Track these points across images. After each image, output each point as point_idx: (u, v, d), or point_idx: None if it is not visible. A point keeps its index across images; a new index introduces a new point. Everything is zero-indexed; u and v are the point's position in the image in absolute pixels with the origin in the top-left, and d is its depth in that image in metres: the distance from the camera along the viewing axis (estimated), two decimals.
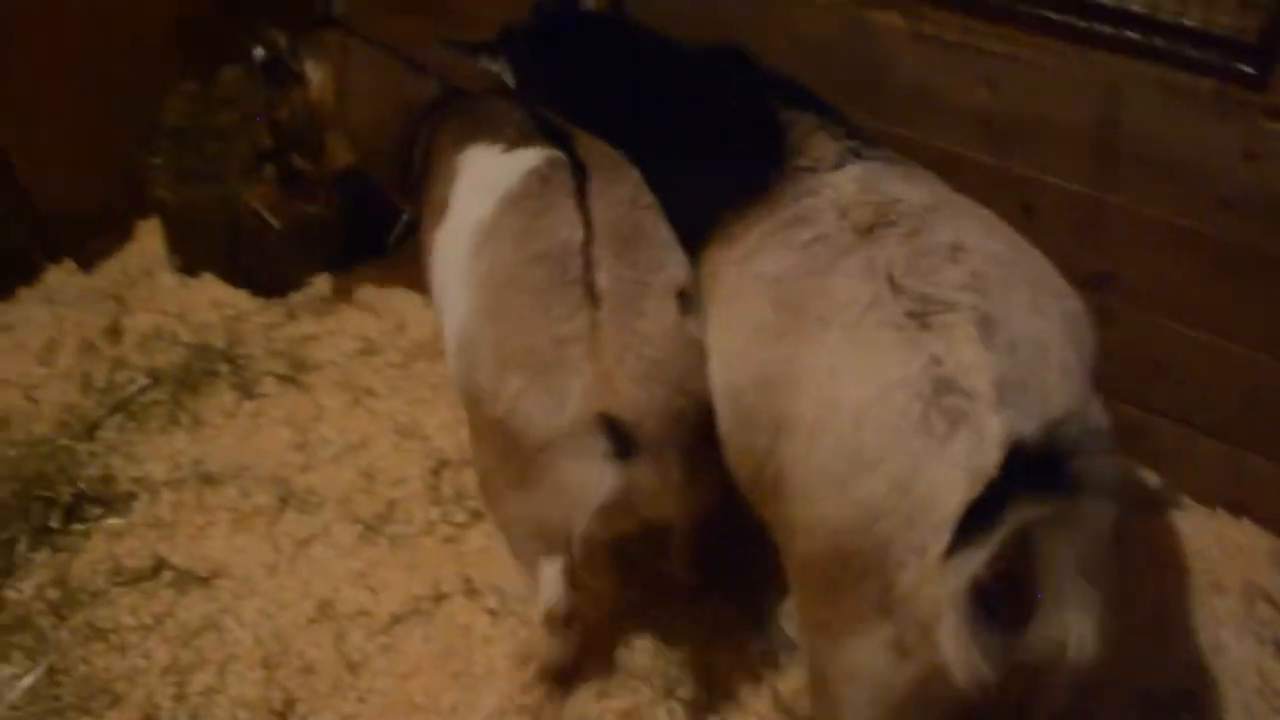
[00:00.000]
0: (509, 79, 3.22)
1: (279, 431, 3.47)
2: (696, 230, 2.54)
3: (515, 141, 2.84)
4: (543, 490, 2.40)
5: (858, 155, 2.43)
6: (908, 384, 1.95)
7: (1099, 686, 2.62)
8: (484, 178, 2.78)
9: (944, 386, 1.92)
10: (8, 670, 2.97)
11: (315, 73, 3.34)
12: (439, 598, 3.04)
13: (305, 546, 3.18)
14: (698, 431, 2.39)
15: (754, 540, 2.48)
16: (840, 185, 2.36)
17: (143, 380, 3.64)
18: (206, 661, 2.95)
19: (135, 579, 3.12)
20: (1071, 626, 1.85)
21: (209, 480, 3.34)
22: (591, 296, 2.40)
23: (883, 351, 2.02)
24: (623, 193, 2.67)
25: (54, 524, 3.23)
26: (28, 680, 2.94)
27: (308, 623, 3.01)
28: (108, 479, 3.37)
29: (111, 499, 3.31)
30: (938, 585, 1.82)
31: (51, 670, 2.95)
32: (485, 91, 3.20)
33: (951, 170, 2.55)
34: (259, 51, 3.37)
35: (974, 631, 1.80)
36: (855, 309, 2.09)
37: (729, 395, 2.31)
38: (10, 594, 3.11)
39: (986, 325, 1.97)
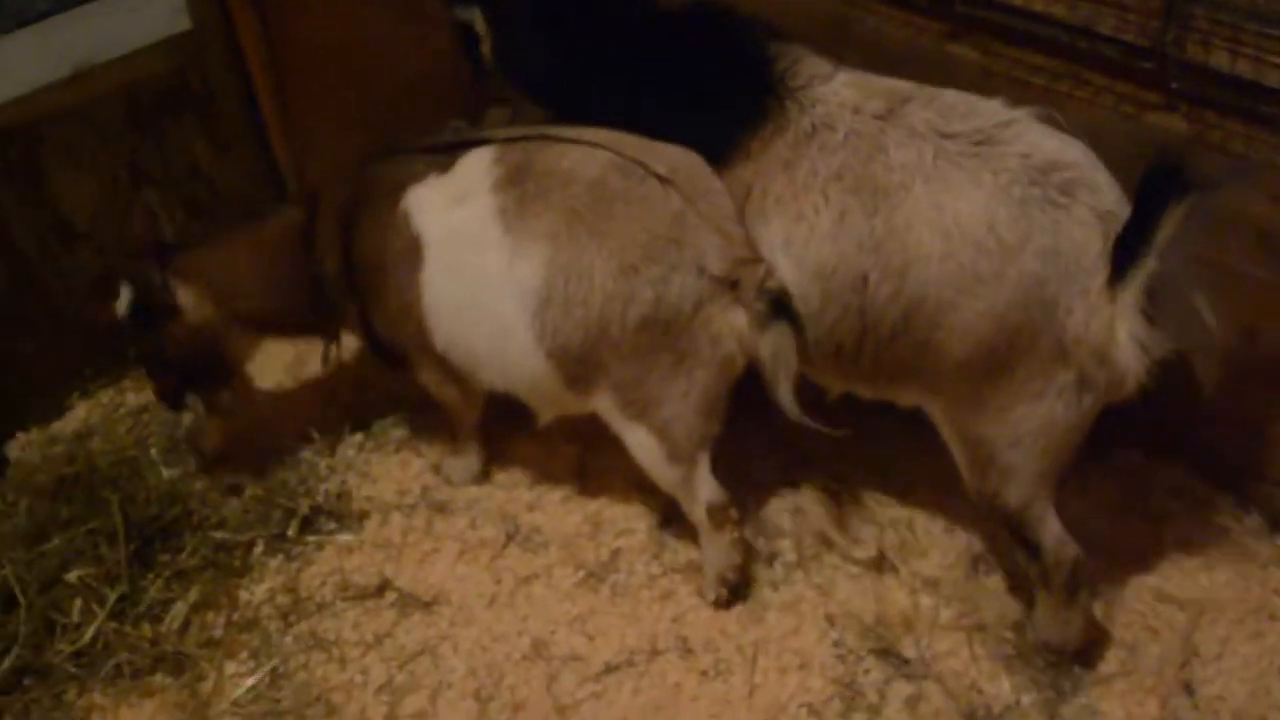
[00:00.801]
0: (480, 29, 3.26)
1: (513, 468, 3.49)
2: (712, 153, 2.83)
3: (438, 167, 3.01)
4: (703, 351, 2.78)
5: (837, 68, 2.84)
6: (1015, 180, 2.46)
7: None
8: (447, 195, 2.96)
9: (1046, 169, 2.47)
10: (233, 667, 3.06)
11: (188, 297, 3.19)
12: (653, 653, 3.00)
13: (526, 584, 3.18)
14: None
15: None
16: (839, 91, 2.77)
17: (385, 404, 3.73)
18: (420, 685, 2.98)
19: (360, 595, 3.18)
20: (1204, 308, 2.37)
21: (439, 508, 3.38)
22: (666, 184, 2.77)
23: (975, 174, 2.51)
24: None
25: (290, 533, 3.33)
26: (251, 680, 3.02)
27: (521, 659, 3.01)
28: (344, 495, 3.45)
29: (345, 515, 3.39)
30: (1106, 310, 2.39)
31: (274, 673, 3.03)
32: (353, 174, 3.20)
33: None
34: (121, 303, 3.20)
35: (1144, 333, 2.35)
36: (924, 162, 2.56)
37: (818, 276, 2.67)
38: (243, 594, 3.21)
39: (1049, 121, 2.57)
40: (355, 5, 3.89)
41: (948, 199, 2.52)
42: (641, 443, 2.92)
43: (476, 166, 2.95)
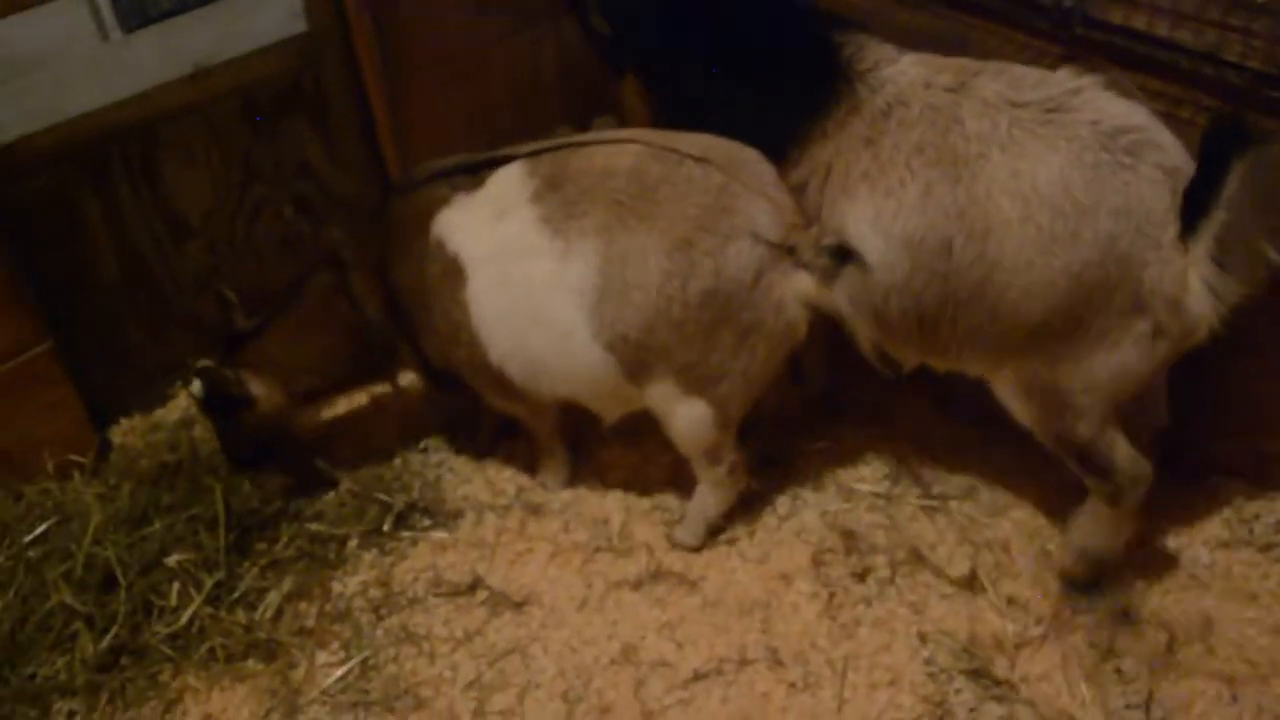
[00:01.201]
0: None
1: (609, 474, 3.52)
2: (786, 137, 2.94)
3: (466, 190, 3.06)
4: (766, 322, 2.85)
5: (902, 51, 2.94)
6: (1087, 146, 2.58)
7: None
8: (484, 214, 3.01)
9: (1113, 133, 2.58)
10: (324, 657, 3.10)
11: (260, 388, 3.31)
12: (743, 662, 3.00)
13: (616, 589, 3.19)
14: None
15: None
16: (907, 70, 2.88)
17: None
18: (509, 684, 3.00)
19: (452, 592, 3.21)
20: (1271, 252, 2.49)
21: (534, 510, 3.41)
22: (702, 163, 2.84)
23: (1048, 139, 2.62)
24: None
25: (385, 528, 3.37)
26: (341, 670, 3.05)
27: (610, 664, 3.02)
28: (438, 493, 3.49)
29: (440, 513, 3.43)
30: (1179, 261, 2.52)
31: (364, 664, 3.06)
32: (373, 217, 3.29)
33: None
34: (195, 390, 3.30)
35: (1217, 280, 2.49)
36: (1000, 131, 2.67)
37: (905, 245, 2.75)
38: (336, 586, 3.25)
39: (1113, 86, 2.66)
40: (468, 11, 3.95)
41: (1024, 165, 2.63)
42: (697, 415, 2.97)
43: (509, 182, 3.01)
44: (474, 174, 3.07)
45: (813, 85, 2.94)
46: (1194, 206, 2.48)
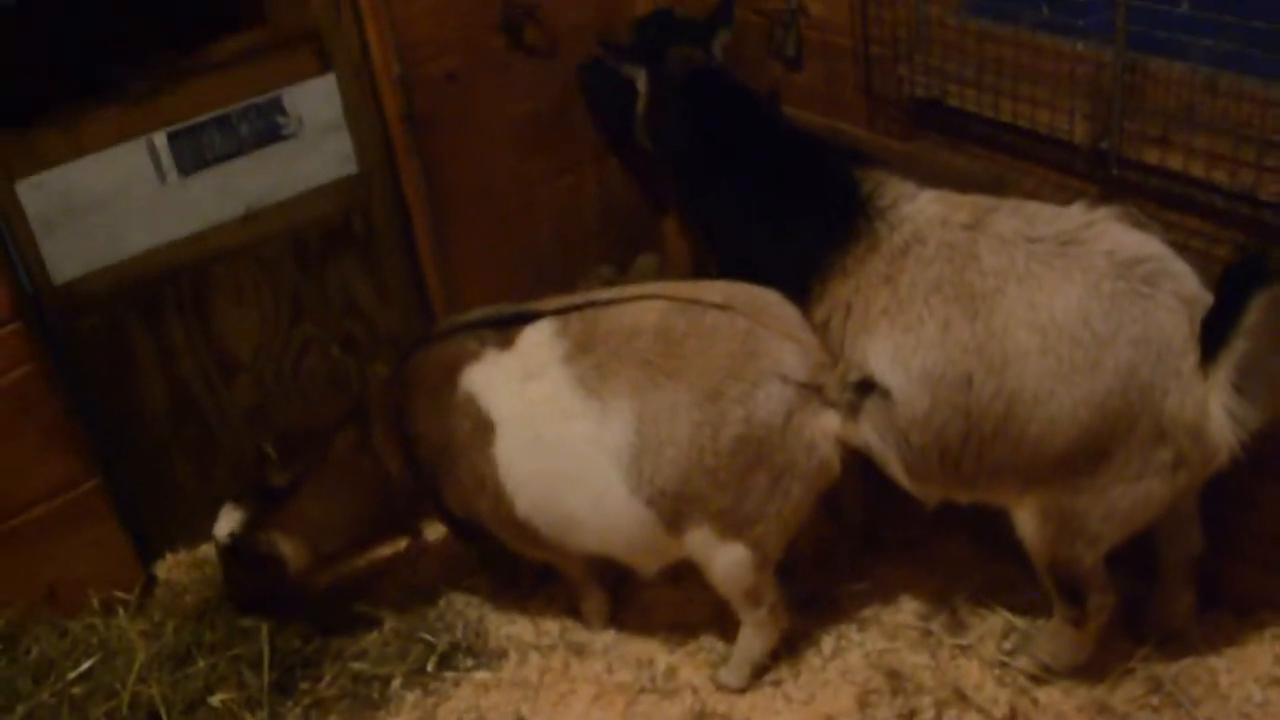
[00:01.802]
0: (640, 88, 3.58)
1: (652, 613, 3.50)
2: (808, 271, 2.99)
3: (496, 345, 3.10)
4: (799, 463, 2.86)
5: (920, 189, 3.00)
6: (1104, 275, 2.61)
7: None
8: (515, 372, 3.05)
9: (1129, 263, 2.62)
10: None
11: (289, 549, 3.33)
12: None
13: None
14: None
15: None
16: (924, 207, 2.93)
17: None
18: None
19: None
20: None
21: (577, 650, 3.39)
22: (726, 310, 2.90)
23: (1064, 271, 2.65)
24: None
25: (429, 668, 3.36)
26: None
27: None
28: (482, 633, 3.48)
29: (483, 652, 3.42)
30: (1199, 389, 2.54)
31: None
32: (398, 366, 3.34)
33: None
34: (221, 530, 3.34)
35: (1237, 407, 2.51)
36: (1017, 265, 2.71)
37: (926, 382, 2.77)
38: None
39: (1127, 217, 2.71)
40: (513, 156, 4.04)
41: (1041, 297, 2.66)
42: (735, 558, 2.97)
43: (539, 341, 3.05)
44: (501, 329, 3.11)
45: (834, 221, 3.00)
46: (1214, 335, 2.51)
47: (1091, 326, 2.60)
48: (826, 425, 2.84)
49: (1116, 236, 2.69)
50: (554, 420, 2.95)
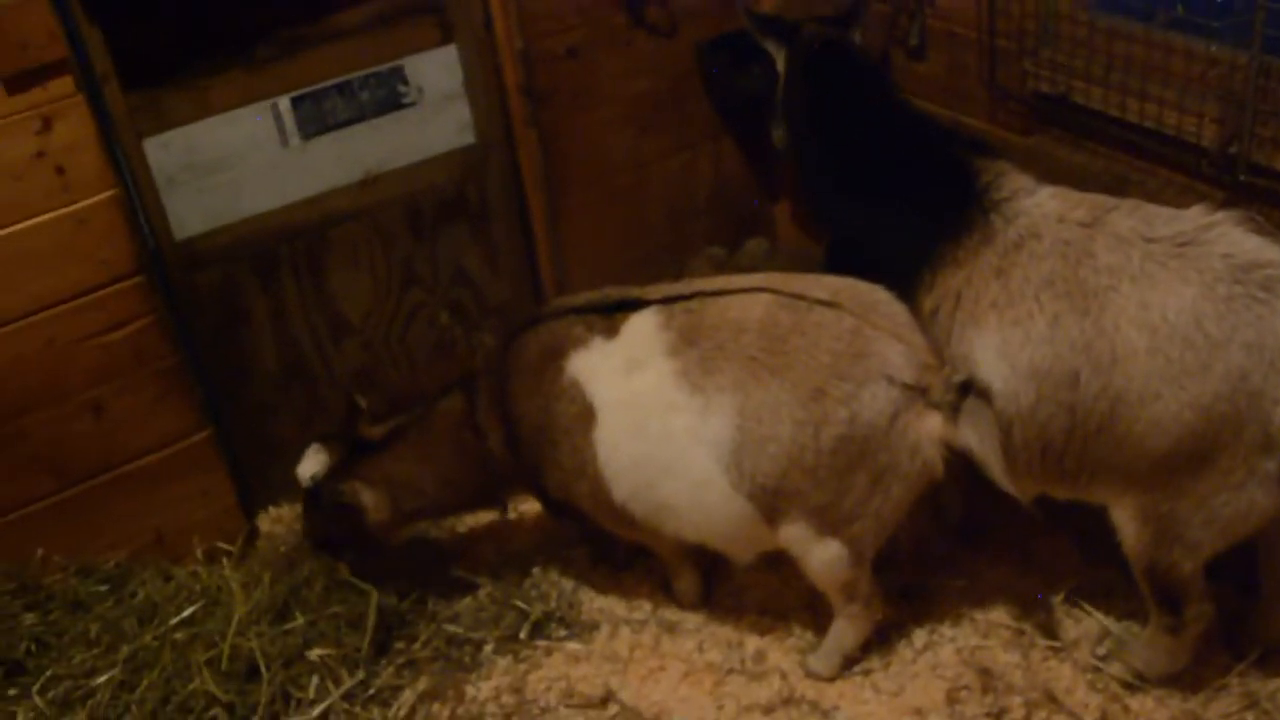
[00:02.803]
0: (779, 65, 3.56)
1: (747, 594, 3.51)
2: (921, 259, 2.97)
3: (602, 332, 3.09)
4: (901, 464, 2.83)
5: (1039, 184, 2.98)
6: (1220, 278, 2.57)
7: None
8: (620, 362, 3.04)
9: (1247, 268, 2.57)
10: None
11: (371, 500, 3.33)
12: None
13: (748, 713, 3.16)
14: None
15: None
16: (1043, 203, 2.91)
17: None
18: None
19: (584, 705, 3.22)
20: None
21: (669, 627, 3.41)
22: (833, 307, 2.87)
23: (1180, 273, 2.62)
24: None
25: (522, 635, 3.40)
26: None
27: None
28: (575, 604, 3.52)
29: (575, 624, 3.45)
30: None
31: None
32: (504, 343, 3.29)
33: None
34: (304, 472, 3.37)
35: None
36: (1132, 264, 2.68)
37: (1032, 376, 2.76)
38: (470, 690, 3.28)
39: (1247, 222, 2.66)
40: (629, 133, 4.07)
41: (1155, 296, 2.63)
42: (832, 554, 2.97)
43: (645, 332, 3.04)
44: (608, 316, 3.11)
45: (949, 210, 2.98)
46: None
47: (1204, 329, 2.57)
48: (931, 427, 2.80)
49: (1235, 240, 2.64)
50: (657, 411, 2.96)
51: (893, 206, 3.16)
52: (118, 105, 3.34)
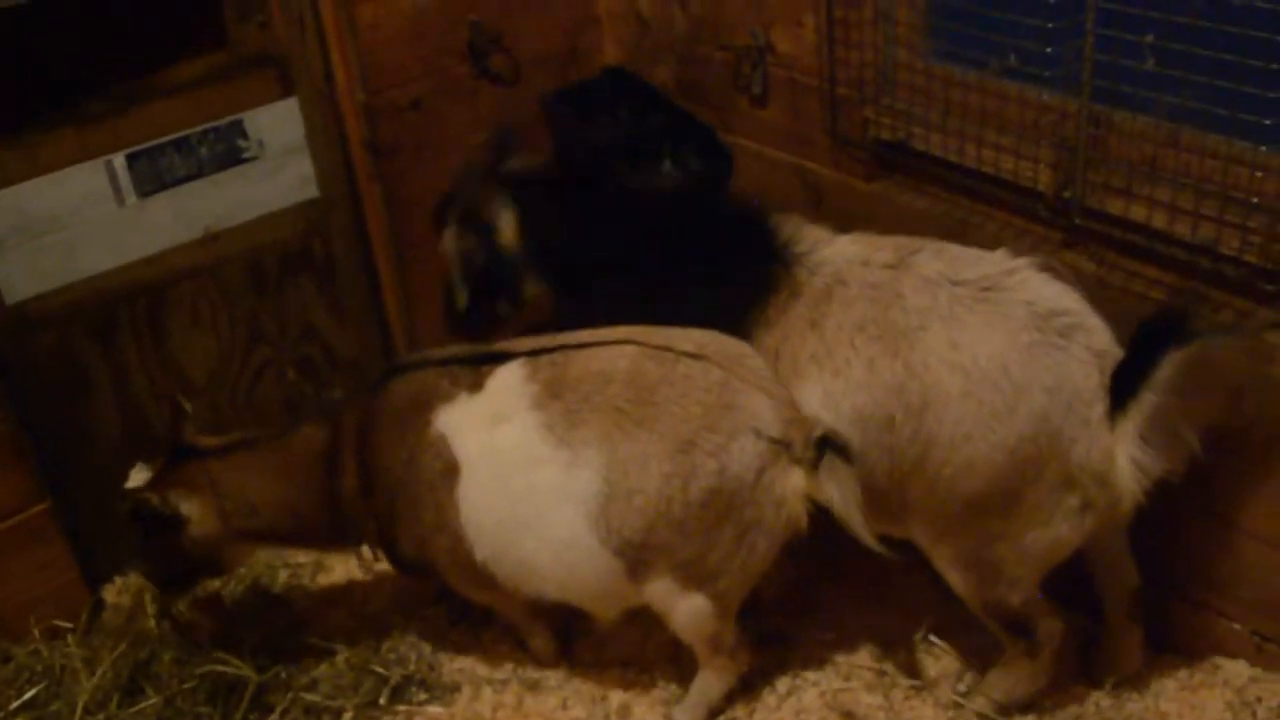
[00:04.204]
0: (508, 227, 3.40)
1: (608, 648, 3.48)
2: (733, 327, 2.96)
3: (467, 386, 3.02)
4: (766, 519, 2.82)
5: (836, 234, 3.05)
6: (1024, 326, 2.69)
7: None
8: (484, 415, 2.98)
9: (1048, 315, 2.70)
10: None
11: (193, 509, 3.14)
12: None
13: None
14: None
15: None
16: (844, 250, 2.98)
17: None
18: None
19: None
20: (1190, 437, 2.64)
21: (531, 685, 3.35)
22: (700, 359, 2.84)
23: (987, 318, 2.72)
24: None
25: (381, 701, 3.31)
26: None
27: None
28: (435, 666, 3.44)
29: (436, 686, 3.37)
30: (1106, 438, 2.64)
31: None
32: (371, 390, 3.20)
33: None
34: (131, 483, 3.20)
35: (1142, 457, 2.61)
36: (940, 306, 2.76)
37: (856, 422, 2.80)
38: None
39: (1049, 270, 2.79)
40: None
41: (964, 338, 2.72)
42: (696, 609, 2.94)
43: (510, 385, 2.97)
44: (473, 368, 3.05)
45: (752, 275, 3.01)
46: (1123, 387, 2.62)
47: (1010, 374, 2.67)
48: (795, 482, 2.80)
49: (1036, 288, 2.77)
50: (521, 466, 2.90)
51: (694, 283, 3.14)
52: None
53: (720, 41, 3.74)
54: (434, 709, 3.31)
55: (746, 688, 3.26)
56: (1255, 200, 2.67)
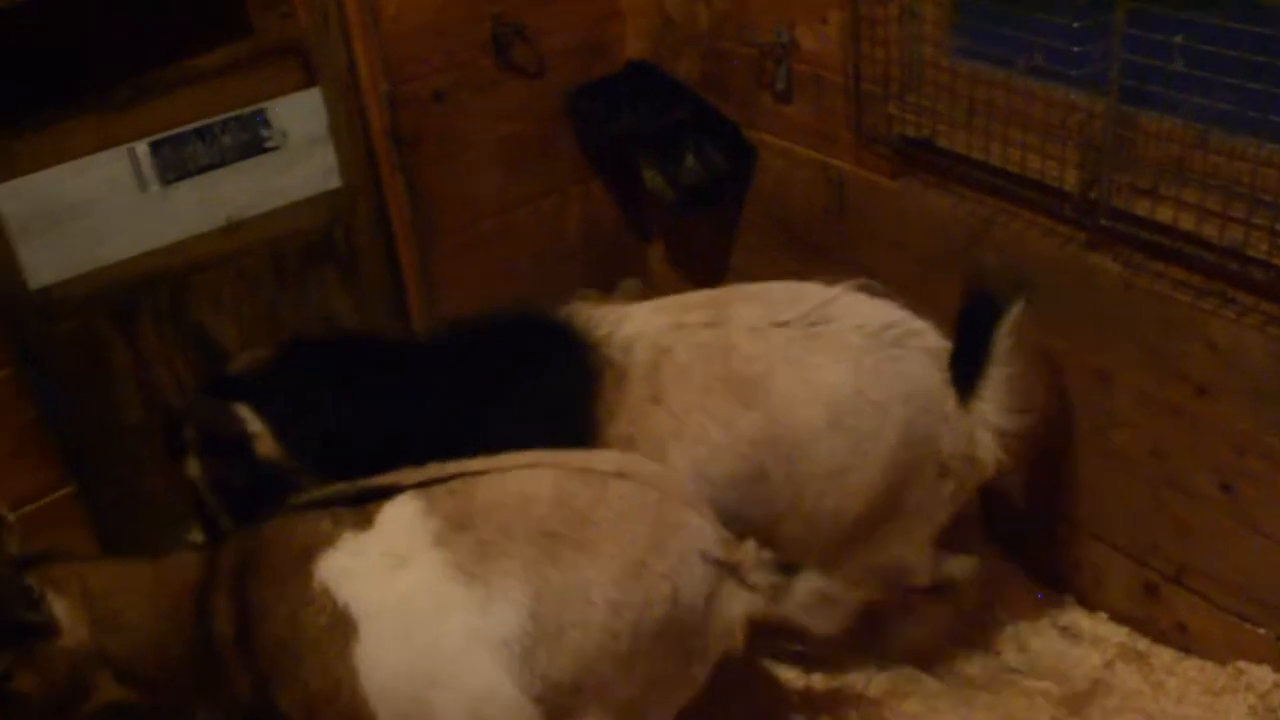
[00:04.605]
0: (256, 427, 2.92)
1: None
2: (576, 438, 2.75)
3: (352, 526, 2.55)
4: (710, 648, 2.53)
5: (627, 306, 2.99)
6: (864, 350, 2.77)
7: None
8: (377, 560, 2.52)
9: (879, 331, 2.80)
10: None
11: (64, 611, 2.56)
12: None
13: None
14: None
15: None
16: (649, 320, 2.92)
17: None
18: None
19: None
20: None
21: None
22: (628, 479, 2.51)
23: (825, 350, 2.78)
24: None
25: None
26: None
27: None
28: None
29: None
30: (965, 421, 2.79)
31: None
32: (249, 528, 2.70)
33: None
34: None
35: (999, 423, 2.78)
36: (776, 349, 2.78)
37: (730, 484, 2.74)
38: None
39: (864, 288, 2.90)
40: (498, 176, 4.06)
41: (813, 375, 2.76)
42: None
43: (403, 522, 2.52)
44: (357, 506, 2.58)
45: (566, 372, 2.84)
46: (967, 372, 2.78)
47: (867, 397, 2.75)
48: (746, 608, 2.51)
49: (860, 310, 2.86)
50: (426, 613, 2.45)
51: (519, 410, 2.87)
52: None
53: (744, 37, 3.74)
54: None
55: None
56: None
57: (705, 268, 4.26)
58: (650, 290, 4.38)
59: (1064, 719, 3.08)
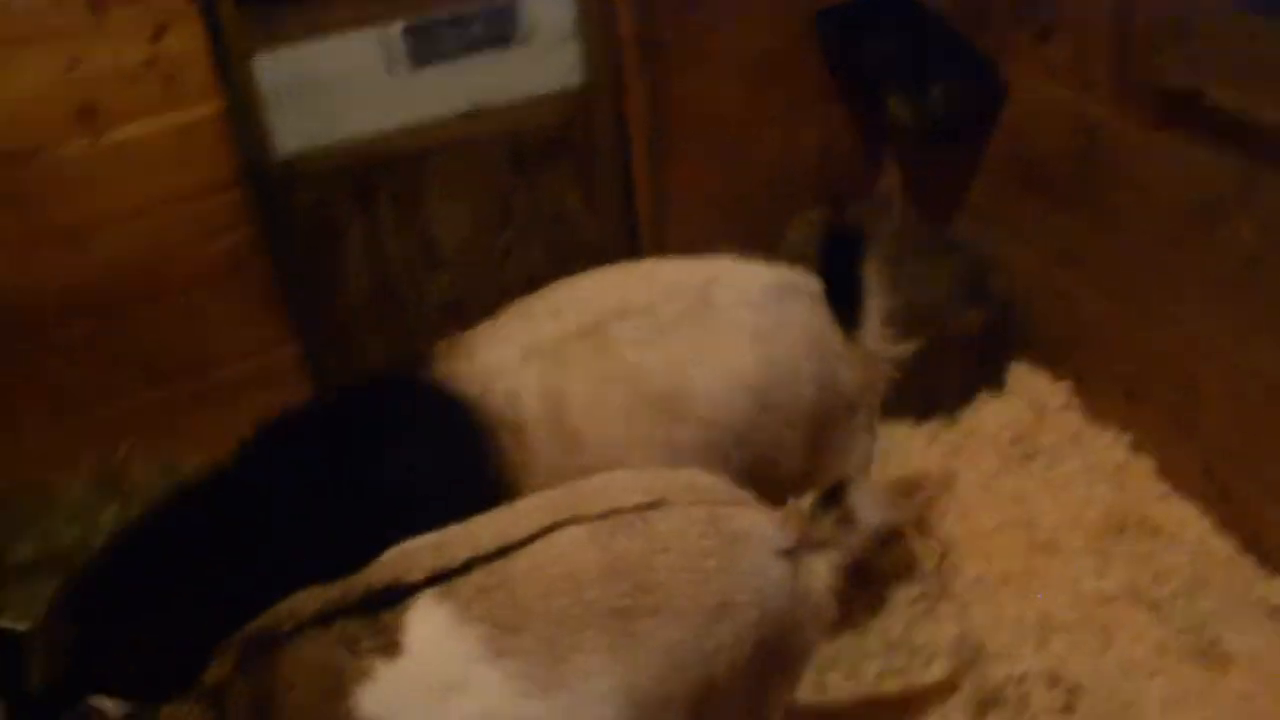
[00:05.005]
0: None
1: None
2: (488, 495, 2.40)
3: (380, 653, 2.07)
4: (809, 635, 2.33)
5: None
6: (757, 325, 2.73)
7: None
8: (425, 687, 2.06)
9: (762, 298, 2.76)
10: None
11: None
12: None
13: None
14: None
15: None
16: (509, 357, 2.65)
17: None
18: None
19: None
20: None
21: None
22: (665, 505, 2.21)
23: (725, 338, 2.70)
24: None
25: None
26: None
27: None
28: None
29: None
30: (858, 353, 2.85)
31: None
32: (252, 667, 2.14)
33: None
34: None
35: (891, 345, 2.91)
36: (676, 354, 2.67)
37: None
38: None
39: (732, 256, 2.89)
40: (740, 89, 3.99)
41: (727, 365, 2.69)
42: None
43: (437, 637, 2.08)
44: (369, 622, 2.10)
45: (449, 441, 2.57)
46: (847, 309, 2.82)
47: (781, 367, 2.72)
48: (825, 574, 2.29)
49: (735, 283, 2.79)
50: None
51: (415, 497, 2.53)
52: (230, 19, 3.35)
53: None
54: None
55: None
56: None
57: (940, 201, 4.15)
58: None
59: None
